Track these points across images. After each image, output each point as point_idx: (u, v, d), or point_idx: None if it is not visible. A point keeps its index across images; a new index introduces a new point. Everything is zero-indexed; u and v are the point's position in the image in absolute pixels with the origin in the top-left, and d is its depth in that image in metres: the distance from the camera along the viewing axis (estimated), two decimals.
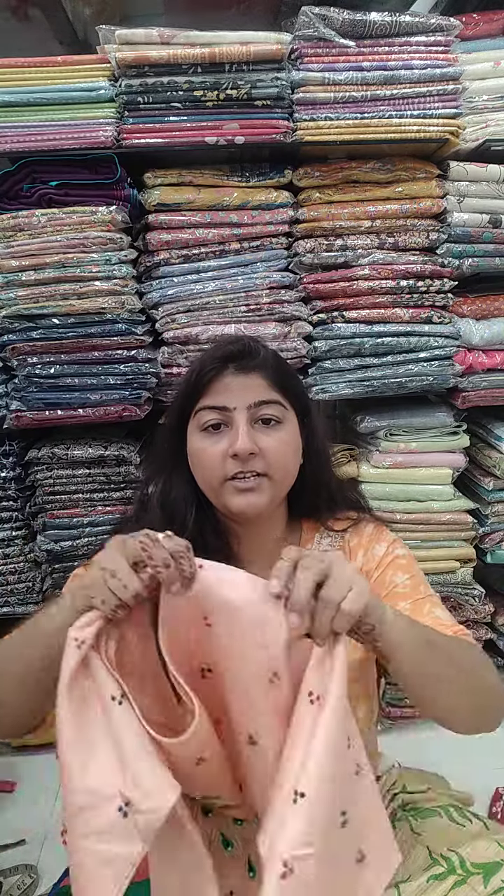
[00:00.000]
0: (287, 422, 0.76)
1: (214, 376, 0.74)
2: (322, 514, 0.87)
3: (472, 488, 1.47)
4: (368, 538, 0.86)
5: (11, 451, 1.34)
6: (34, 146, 1.15)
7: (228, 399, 0.73)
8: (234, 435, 0.72)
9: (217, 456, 0.73)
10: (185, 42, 1.14)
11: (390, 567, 0.82)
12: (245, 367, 0.74)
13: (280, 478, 0.76)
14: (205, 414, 0.74)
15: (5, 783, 1.48)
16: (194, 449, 0.76)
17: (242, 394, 0.73)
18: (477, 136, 1.25)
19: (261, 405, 0.74)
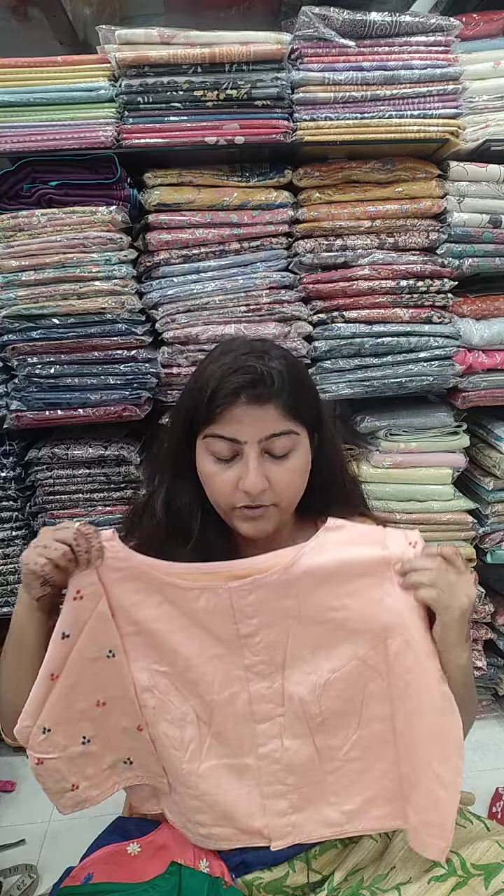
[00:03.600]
0: (298, 447, 0.73)
1: (226, 406, 0.69)
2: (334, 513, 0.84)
3: (472, 488, 1.47)
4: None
5: (11, 451, 1.34)
6: (34, 146, 1.15)
7: (239, 432, 0.70)
8: (244, 469, 0.70)
9: (227, 484, 0.72)
10: (185, 42, 1.14)
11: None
12: (258, 398, 0.69)
13: (288, 505, 0.75)
14: (214, 442, 0.71)
15: (5, 783, 1.48)
16: (204, 471, 0.74)
17: (254, 427, 0.70)
18: (477, 136, 1.25)
19: (272, 438, 0.70)
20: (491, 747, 1.54)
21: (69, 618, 0.71)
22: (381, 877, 0.75)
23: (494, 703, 1.64)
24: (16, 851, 1.31)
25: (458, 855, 0.72)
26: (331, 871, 0.79)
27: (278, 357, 0.73)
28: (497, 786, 1.40)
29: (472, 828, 0.78)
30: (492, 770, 1.46)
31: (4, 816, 1.41)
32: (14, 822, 1.39)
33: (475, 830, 0.78)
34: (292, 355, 0.77)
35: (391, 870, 0.76)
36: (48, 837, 1.35)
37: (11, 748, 1.58)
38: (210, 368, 0.72)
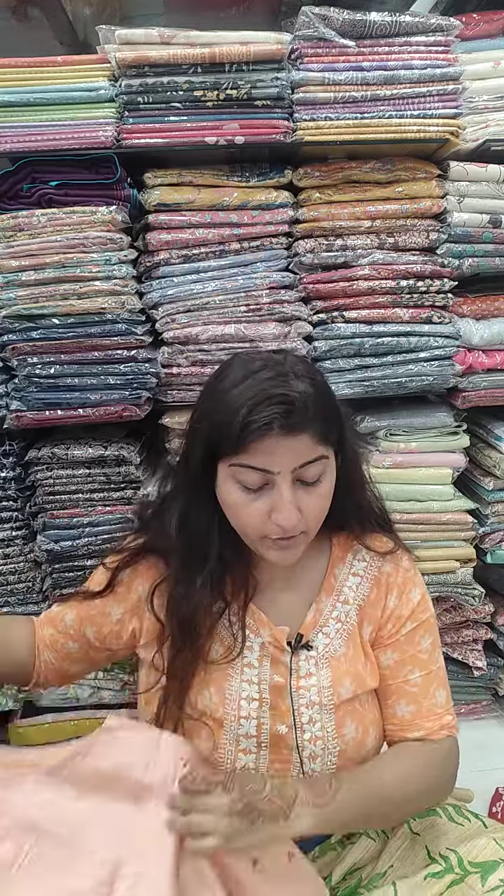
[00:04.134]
0: (327, 470, 0.72)
1: (258, 437, 0.65)
2: (353, 530, 0.84)
3: (472, 488, 1.47)
4: (404, 578, 0.84)
5: (11, 451, 1.34)
6: (34, 146, 1.15)
7: (272, 462, 0.67)
8: (278, 502, 0.67)
9: (257, 516, 0.69)
10: (185, 42, 1.14)
11: (423, 626, 0.83)
12: (291, 427, 0.65)
13: (315, 528, 0.75)
14: (245, 473, 0.68)
15: None
16: (229, 500, 0.71)
17: (287, 457, 0.67)
18: (477, 136, 1.25)
19: (305, 466, 0.68)
20: (491, 747, 1.54)
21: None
22: (379, 875, 0.75)
23: (494, 703, 1.64)
24: None
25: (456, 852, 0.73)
26: (329, 871, 0.79)
27: (303, 375, 0.69)
28: (497, 786, 1.40)
29: (469, 826, 0.79)
30: (492, 770, 1.46)
31: None
32: None
33: (473, 828, 0.78)
34: (313, 366, 0.74)
35: (389, 868, 0.76)
36: None
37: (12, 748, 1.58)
38: (234, 394, 0.67)
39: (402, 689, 0.81)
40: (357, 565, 0.85)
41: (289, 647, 0.79)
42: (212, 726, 0.76)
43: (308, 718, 0.77)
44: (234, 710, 0.77)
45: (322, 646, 0.80)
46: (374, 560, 0.85)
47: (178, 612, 0.77)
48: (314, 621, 0.81)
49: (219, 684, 0.78)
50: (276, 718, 0.77)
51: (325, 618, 0.82)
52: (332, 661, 0.80)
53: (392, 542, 0.86)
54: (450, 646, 1.54)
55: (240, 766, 0.76)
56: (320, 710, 0.77)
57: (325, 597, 0.83)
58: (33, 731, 1.55)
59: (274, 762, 0.77)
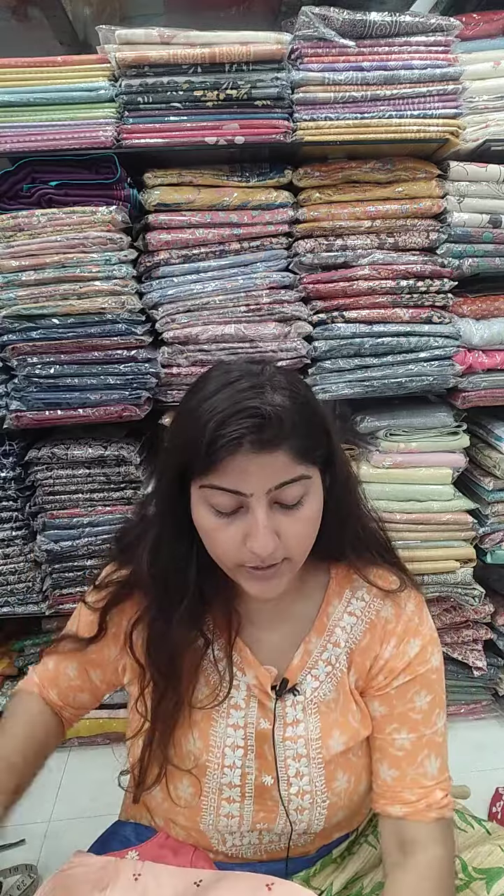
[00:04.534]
0: (310, 491, 0.63)
1: (227, 455, 0.58)
2: (352, 561, 0.75)
3: (472, 488, 1.47)
4: (405, 626, 0.74)
5: (11, 451, 1.34)
6: (34, 146, 1.15)
7: (244, 484, 0.59)
8: (252, 527, 0.60)
9: (231, 542, 0.62)
10: (185, 42, 1.14)
11: (419, 681, 0.72)
12: (264, 444, 0.58)
13: (301, 557, 0.66)
14: (215, 494, 0.61)
15: None
16: (202, 525, 0.64)
17: (261, 477, 0.59)
18: (477, 136, 1.25)
19: (282, 486, 0.60)
20: (491, 747, 1.54)
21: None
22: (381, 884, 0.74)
23: (494, 703, 1.64)
24: (16, 851, 1.31)
25: (460, 858, 0.72)
26: (329, 882, 0.78)
27: (282, 388, 0.61)
28: (497, 786, 1.40)
29: (472, 832, 0.78)
30: (492, 770, 1.46)
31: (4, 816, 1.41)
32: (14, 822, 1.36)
33: (476, 835, 0.77)
34: (296, 378, 0.65)
35: None
36: (48, 837, 1.35)
37: None
38: (204, 407, 0.60)
39: (387, 749, 0.72)
40: (354, 604, 0.76)
41: (273, 693, 0.73)
42: (195, 772, 0.72)
43: (295, 772, 0.72)
44: (217, 757, 0.72)
45: (310, 690, 0.73)
46: (375, 601, 0.75)
47: (157, 654, 0.71)
48: (302, 663, 0.74)
49: (203, 728, 0.73)
50: (262, 768, 0.72)
51: (315, 659, 0.74)
52: (322, 707, 0.73)
53: (398, 579, 0.76)
54: (450, 646, 1.54)
55: (224, 814, 0.72)
56: (308, 763, 0.72)
57: (316, 637, 0.75)
58: None
59: (259, 811, 0.73)
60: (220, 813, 0.72)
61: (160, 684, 0.71)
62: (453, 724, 1.60)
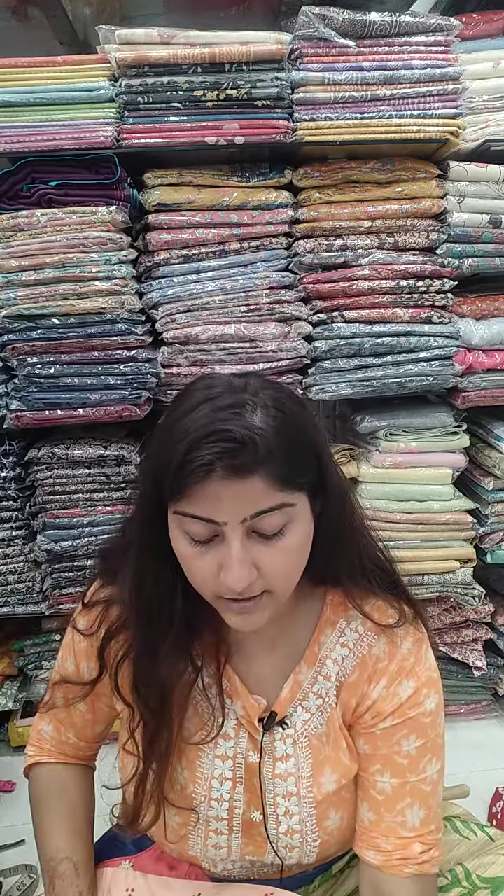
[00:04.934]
0: (294, 520, 0.58)
1: (198, 481, 0.53)
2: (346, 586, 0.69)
3: (472, 488, 1.47)
4: (399, 665, 0.68)
5: (11, 451, 1.34)
6: (34, 146, 1.15)
7: (217, 512, 0.54)
8: (226, 559, 0.56)
9: (206, 571, 0.58)
10: (185, 42, 1.14)
11: (408, 724, 0.66)
12: (238, 470, 0.53)
13: (284, 591, 0.61)
14: (188, 522, 0.56)
15: (5, 783, 1.48)
16: (179, 553, 0.60)
17: (235, 505, 0.54)
18: (477, 136, 1.25)
19: (260, 515, 0.55)
20: (491, 747, 1.54)
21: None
22: None
23: (494, 703, 1.64)
24: (16, 851, 1.31)
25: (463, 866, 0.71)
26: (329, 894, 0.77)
27: (264, 406, 0.55)
28: (497, 786, 1.40)
29: (475, 840, 0.77)
30: (492, 770, 1.46)
31: (4, 816, 1.41)
32: (14, 822, 1.39)
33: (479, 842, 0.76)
34: (287, 395, 0.59)
35: None
36: None
37: (11, 748, 1.58)
38: (179, 426, 0.55)
39: (368, 790, 0.67)
40: (348, 635, 0.70)
41: (260, 726, 0.69)
42: (182, 804, 0.69)
43: (284, 810, 0.68)
44: (204, 789, 0.69)
45: (301, 722, 0.69)
46: (369, 635, 0.69)
47: (146, 691, 0.66)
48: (291, 695, 0.70)
49: (191, 759, 0.70)
50: (251, 803, 0.69)
51: (305, 692, 0.70)
52: (313, 741, 0.69)
53: (398, 614, 0.69)
54: (450, 646, 1.54)
55: (211, 845, 0.69)
56: (298, 802, 0.68)
57: (306, 668, 0.70)
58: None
59: (247, 845, 0.70)
60: (208, 843, 0.70)
61: (151, 724, 0.67)
62: (453, 724, 1.60)
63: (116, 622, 0.70)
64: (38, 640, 1.56)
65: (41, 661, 1.56)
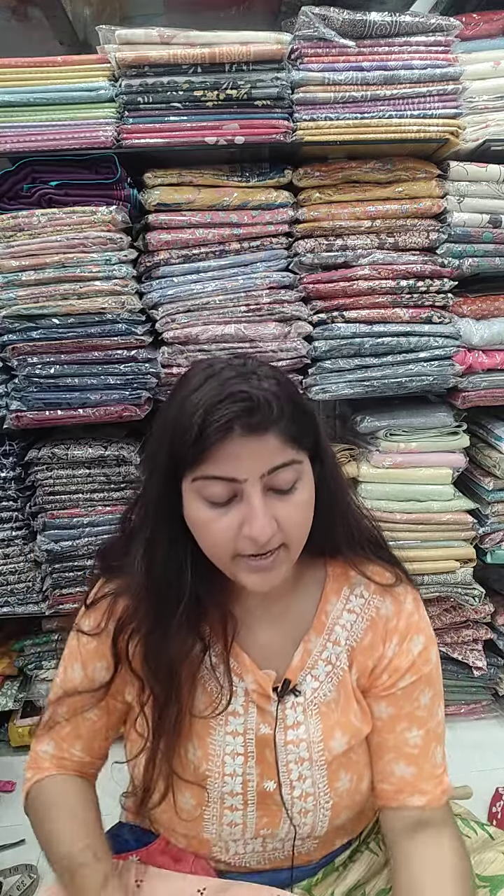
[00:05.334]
0: (303, 476, 0.63)
1: (218, 441, 0.58)
2: (347, 556, 0.74)
3: (472, 488, 1.47)
4: (407, 622, 0.74)
5: (11, 451, 1.34)
6: (34, 146, 1.15)
7: (237, 469, 0.59)
8: (248, 512, 0.60)
9: (226, 532, 0.61)
10: (185, 42, 1.14)
11: (423, 680, 0.72)
12: (254, 428, 0.58)
13: (298, 544, 0.65)
14: (208, 485, 0.60)
15: (5, 783, 1.48)
16: (198, 519, 0.63)
17: (253, 462, 0.59)
18: (477, 136, 1.25)
19: (275, 471, 0.60)
20: (491, 747, 1.54)
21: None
22: (385, 891, 0.73)
23: (494, 704, 1.64)
24: (16, 851, 1.31)
25: None
26: (330, 891, 0.78)
27: (268, 377, 0.62)
28: (497, 786, 1.40)
29: (475, 838, 0.77)
30: (492, 770, 1.46)
31: (4, 816, 1.41)
32: (14, 822, 1.39)
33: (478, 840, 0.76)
34: (280, 371, 0.66)
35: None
36: None
37: (11, 748, 1.58)
38: (191, 399, 0.60)
39: (401, 749, 0.72)
40: (354, 601, 0.74)
41: (275, 695, 0.71)
42: (195, 782, 0.71)
43: (298, 775, 0.71)
44: (217, 766, 0.71)
45: (310, 690, 0.72)
46: (374, 598, 0.74)
47: (157, 664, 0.69)
48: (301, 663, 0.73)
49: (202, 737, 0.71)
50: (263, 774, 0.71)
51: (314, 659, 0.73)
52: (322, 708, 0.72)
53: (394, 575, 0.75)
54: (450, 646, 1.54)
55: (227, 823, 0.71)
56: (311, 766, 0.71)
57: (315, 636, 0.74)
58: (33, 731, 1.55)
59: (262, 817, 0.72)
60: (223, 822, 0.71)
61: (161, 696, 0.69)
62: (453, 724, 1.60)
63: (125, 612, 0.71)
64: (38, 640, 1.56)
65: (41, 661, 1.56)
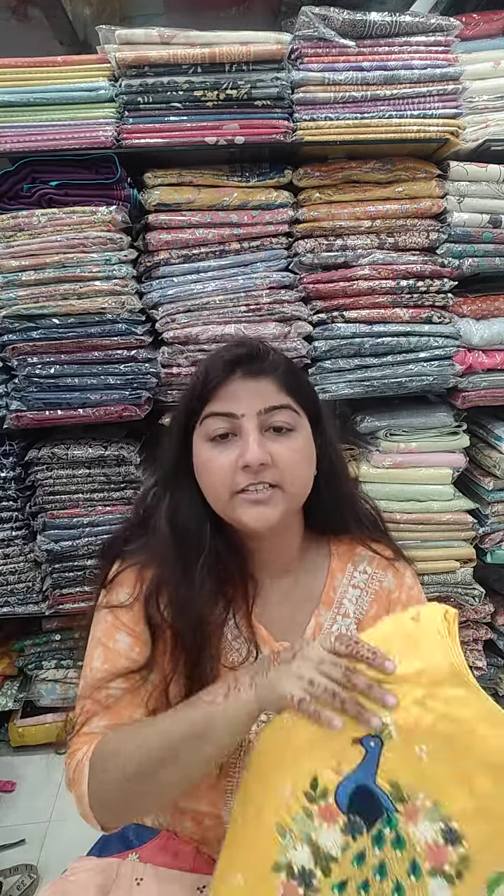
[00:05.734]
0: (300, 428, 0.70)
1: (221, 382, 0.68)
2: (349, 534, 0.80)
3: (472, 488, 1.47)
4: (408, 595, 0.80)
5: (11, 451, 1.34)
6: (34, 146, 1.15)
7: (236, 405, 0.67)
8: (243, 444, 0.67)
9: (226, 467, 0.67)
10: (185, 42, 1.14)
11: None
12: (253, 371, 0.68)
13: (293, 489, 0.70)
14: (211, 422, 0.68)
15: (5, 783, 1.48)
16: (201, 460, 0.70)
17: (251, 400, 0.67)
18: (477, 136, 1.25)
19: (271, 411, 0.68)
20: None
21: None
22: None
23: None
24: (16, 851, 1.31)
25: None
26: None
27: (274, 348, 0.73)
28: None
29: None
30: None
31: (4, 816, 1.41)
32: (14, 822, 1.39)
33: None
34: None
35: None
36: (48, 837, 1.35)
37: (11, 748, 1.58)
38: (205, 359, 0.72)
39: None
40: (358, 577, 0.80)
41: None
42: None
43: None
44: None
45: None
46: (377, 573, 0.80)
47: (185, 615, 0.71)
48: (314, 636, 0.77)
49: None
50: None
51: (325, 631, 0.78)
52: None
53: (394, 551, 0.81)
54: None
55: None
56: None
57: (325, 610, 0.79)
58: (33, 731, 1.55)
59: None
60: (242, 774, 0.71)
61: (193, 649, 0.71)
62: None
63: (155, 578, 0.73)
64: (38, 640, 1.56)
65: (41, 661, 1.56)
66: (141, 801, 0.67)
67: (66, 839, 1.33)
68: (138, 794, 0.64)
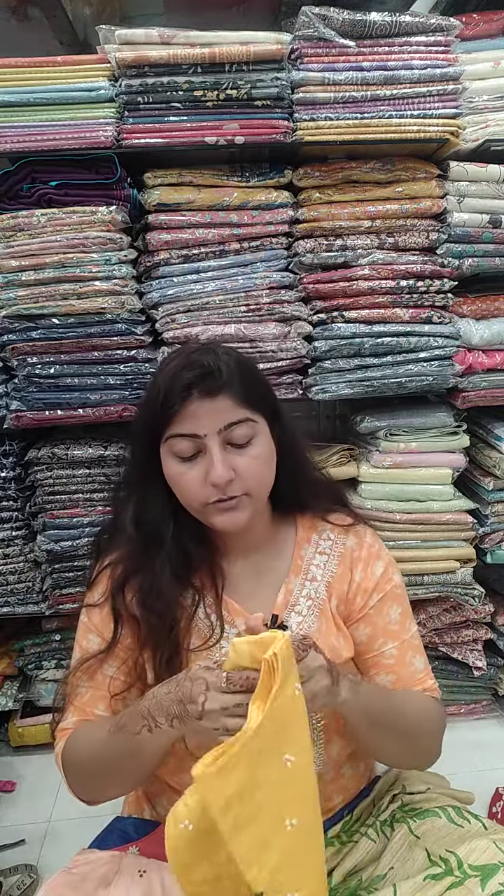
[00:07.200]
0: (259, 434, 0.76)
1: (180, 405, 0.72)
2: (313, 509, 0.88)
3: (472, 488, 1.47)
4: (368, 552, 0.87)
5: (11, 451, 1.34)
6: (34, 146, 1.15)
7: (197, 426, 0.72)
8: (209, 462, 0.72)
9: (194, 482, 0.73)
10: (185, 42, 1.14)
11: (389, 597, 0.85)
12: (210, 391, 0.72)
13: (259, 493, 0.77)
14: (176, 442, 0.73)
15: (5, 783, 1.48)
16: (171, 473, 0.75)
17: (211, 419, 0.72)
18: (477, 136, 1.25)
19: (231, 427, 0.73)
20: (491, 747, 1.54)
21: None
22: (380, 877, 0.75)
23: (494, 703, 1.64)
24: (16, 851, 1.31)
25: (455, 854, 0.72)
26: (328, 869, 0.78)
27: (225, 352, 0.76)
28: (497, 786, 1.40)
29: (469, 827, 0.78)
30: (492, 770, 1.46)
31: (4, 816, 1.41)
32: (14, 822, 1.39)
33: (472, 830, 0.78)
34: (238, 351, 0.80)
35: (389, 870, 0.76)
36: (48, 837, 1.35)
37: (11, 748, 1.58)
38: (161, 374, 0.75)
39: (379, 662, 0.84)
40: (323, 544, 0.87)
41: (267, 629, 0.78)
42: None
43: None
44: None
45: (295, 625, 0.82)
46: (339, 537, 0.88)
47: (151, 602, 0.77)
48: (285, 602, 0.83)
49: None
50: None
51: (296, 597, 0.84)
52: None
53: (352, 518, 0.89)
54: (450, 646, 1.54)
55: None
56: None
57: (294, 577, 0.85)
58: (33, 731, 1.55)
59: None
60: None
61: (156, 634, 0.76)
62: (453, 724, 1.60)
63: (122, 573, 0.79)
64: (38, 640, 1.56)
65: (41, 661, 1.56)
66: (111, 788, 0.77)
67: (66, 839, 1.33)
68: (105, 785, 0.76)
